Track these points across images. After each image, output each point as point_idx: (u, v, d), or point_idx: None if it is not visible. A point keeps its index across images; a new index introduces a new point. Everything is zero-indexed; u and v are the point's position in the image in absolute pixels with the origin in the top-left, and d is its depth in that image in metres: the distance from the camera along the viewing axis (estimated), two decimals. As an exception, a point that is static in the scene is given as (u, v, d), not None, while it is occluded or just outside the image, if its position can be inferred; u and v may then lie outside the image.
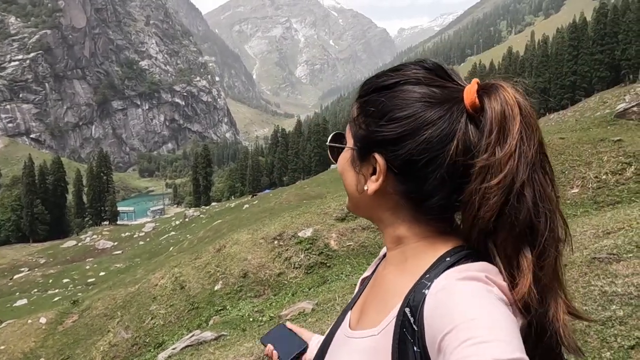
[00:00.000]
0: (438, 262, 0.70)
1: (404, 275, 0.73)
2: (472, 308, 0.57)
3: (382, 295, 0.77)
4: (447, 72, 0.74)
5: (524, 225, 0.63)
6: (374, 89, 0.76)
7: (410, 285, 0.69)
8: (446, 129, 0.68)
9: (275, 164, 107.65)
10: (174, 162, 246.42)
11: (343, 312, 0.89)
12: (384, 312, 0.72)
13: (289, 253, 11.59)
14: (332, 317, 5.38)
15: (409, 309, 0.66)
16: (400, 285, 0.72)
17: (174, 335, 10.25)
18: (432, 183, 0.70)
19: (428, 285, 0.66)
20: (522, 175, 0.63)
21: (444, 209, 0.72)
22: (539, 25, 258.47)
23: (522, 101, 0.67)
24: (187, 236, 38.47)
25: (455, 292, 0.61)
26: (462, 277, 0.63)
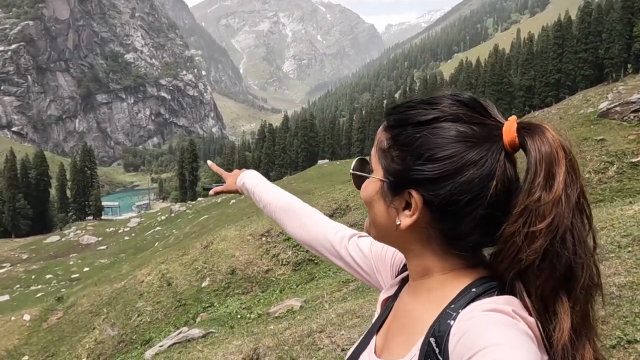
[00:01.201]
0: (463, 293, 0.70)
1: (429, 306, 0.73)
2: (497, 336, 0.58)
3: (407, 325, 0.77)
4: (483, 106, 0.73)
5: (564, 270, 0.63)
6: (409, 122, 0.74)
7: (435, 316, 0.69)
8: (487, 169, 0.68)
9: (262, 159, 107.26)
10: (159, 157, 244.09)
11: (367, 335, 0.88)
12: (410, 343, 0.72)
13: (277, 250, 11.62)
14: (320, 315, 5.42)
15: (434, 339, 0.66)
16: (425, 316, 0.72)
17: (160, 332, 10.22)
18: (469, 222, 0.69)
19: (453, 316, 0.66)
20: (567, 221, 0.63)
21: (477, 246, 0.72)
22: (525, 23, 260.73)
23: (566, 144, 0.67)
24: (173, 231, 38.25)
25: (482, 322, 0.61)
26: (488, 309, 0.63)
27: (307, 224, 1.17)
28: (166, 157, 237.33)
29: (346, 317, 4.80)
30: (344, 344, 4.05)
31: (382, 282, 1.01)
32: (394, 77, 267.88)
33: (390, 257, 1.01)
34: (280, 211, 1.24)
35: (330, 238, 1.10)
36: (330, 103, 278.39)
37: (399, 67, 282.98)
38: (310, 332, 4.64)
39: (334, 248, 1.09)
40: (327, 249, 1.11)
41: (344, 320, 4.73)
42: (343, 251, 1.08)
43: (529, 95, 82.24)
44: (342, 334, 4.28)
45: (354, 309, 5.01)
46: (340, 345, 4.03)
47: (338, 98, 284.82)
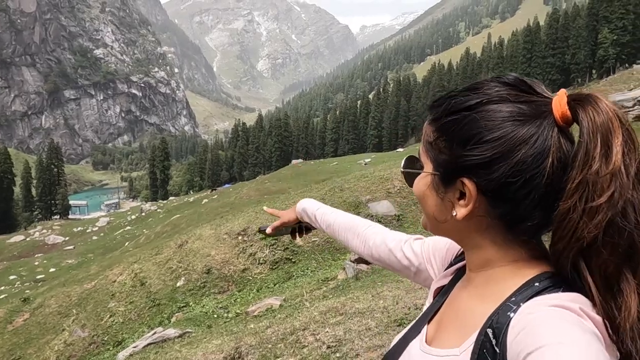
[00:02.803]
0: (525, 287, 0.68)
1: (487, 298, 0.72)
2: (560, 332, 0.55)
3: (462, 315, 0.76)
4: (529, 84, 0.71)
5: (626, 245, 0.60)
6: (453, 110, 0.72)
7: (494, 308, 0.68)
8: (540, 146, 0.65)
9: (235, 158, 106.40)
10: (130, 155, 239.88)
11: (419, 322, 0.87)
12: (466, 334, 0.70)
13: (253, 249, 11.50)
14: (302, 313, 5.38)
15: (492, 330, 0.64)
16: (483, 308, 0.70)
17: (134, 333, 9.98)
18: (528, 204, 0.67)
19: (514, 309, 0.64)
20: (627, 193, 0.60)
21: (538, 229, 0.70)
22: (496, 27, 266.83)
23: (621, 113, 0.64)
24: (144, 231, 37.56)
25: (544, 317, 0.58)
26: (553, 304, 0.60)
27: (368, 238, 1.16)
28: (137, 156, 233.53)
29: (329, 315, 4.76)
30: (329, 341, 4.02)
31: (432, 273, 0.99)
32: (368, 78, 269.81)
33: (443, 247, 0.99)
34: (343, 229, 1.24)
35: (390, 245, 1.10)
36: (304, 103, 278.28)
37: (373, 68, 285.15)
38: (294, 330, 4.59)
39: (393, 254, 1.08)
40: (388, 258, 1.10)
41: (327, 317, 4.70)
42: (399, 254, 1.07)
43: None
44: (327, 332, 4.24)
45: (337, 307, 4.98)
46: (325, 343, 4.00)
47: (312, 98, 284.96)
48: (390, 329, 3.87)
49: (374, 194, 12.49)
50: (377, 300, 4.83)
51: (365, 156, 48.17)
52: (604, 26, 68.94)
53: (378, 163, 29.29)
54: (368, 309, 4.60)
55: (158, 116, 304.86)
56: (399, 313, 4.16)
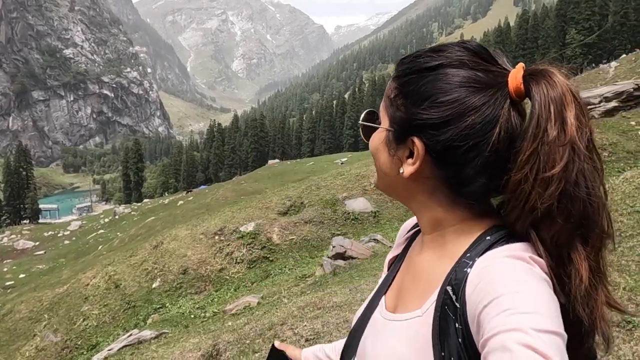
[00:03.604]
0: (478, 241, 0.69)
1: (444, 258, 0.73)
2: (514, 282, 0.58)
3: (422, 278, 0.76)
4: (491, 54, 0.72)
5: (578, 215, 0.62)
6: (414, 69, 0.72)
7: (451, 266, 0.69)
8: (489, 116, 0.67)
9: (211, 159, 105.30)
10: (102, 157, 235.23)
11: (376, 295, 0.87)
12: (427, 294, 0.71)
13: (230, 248, 11.43)
14: (280, 309, 5.38)
15: (451, 288, 0.66)
16: (441, 267, 0.71)
17: (109, 336, 9.79)
18: (472, 169, 0.69)
19: (470, 264, 0.66)
20: (579, 164, 0.62)
21: (483, 194, 0.71)
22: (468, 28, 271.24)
23: (573, 87, 0.65)
24: (118, 234, 36.83)
25: (498, 269, 0.61)
26: (504, 255, 0.63)
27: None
28: (109, 158, 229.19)
29: (307, 310, 4.77)
30: (307, 334, 4.03)
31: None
32: (343, 78, 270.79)
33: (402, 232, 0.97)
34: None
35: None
36: (280, 103, 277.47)
37: (348, 68, 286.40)
38: (272, 325, 4.58)
39: None
40: None
41: (305, 312, 4.70)
42: None
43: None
44: (305, 325, 4.25)
45: (315, 302, 4.99)
46: (303, 336, 4.00)
47: (288, 98, 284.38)
48: (368, 320, 3.91)
49: (351, 192, 12.56)
50: (354, 293, 4.86)
51: (342, 155, 48.32)
52: (572, 27, 70.85)
53: (354, 162, 29.44)
54: (346, 302, 4.63)
55: (131, 117, 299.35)
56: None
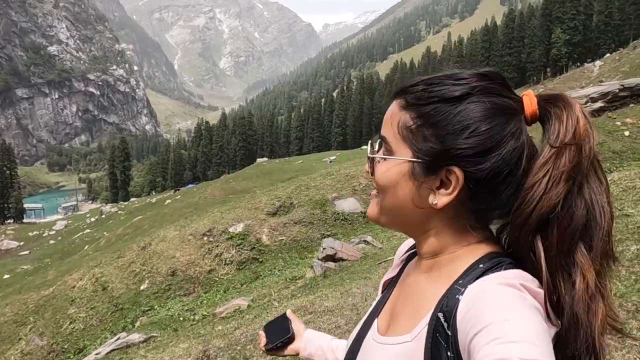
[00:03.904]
0: (471, 269, 0.70)
1: (438, 282, 0.73)
2: (504, 310, 0.57)
3: (414, 301, 0.76)
4: (506, 81, 0.74)
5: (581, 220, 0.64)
6: (441, 98, 0.72)
7: (444, 290, 0.69)
8: (521, 141, 0.69)
9: (198, 157, 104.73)
10: (88, 156, 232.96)
11: (369, 317, 0.87)
12: (417, 319, 0.71)
13: (219, 249, 11.34)
14: (271, 313, 5.34)
15: (442, 315, 0.66)
16: (434, 292, 0.71)
17: (96, 340, 9.66)
18: (505, 194, 0.69)
19: (461, 291, 0.66)
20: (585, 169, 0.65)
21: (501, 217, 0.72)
22: (455, 27, 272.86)
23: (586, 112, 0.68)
24: (104, 234, 36.45)
25: (488, 297, 0.61)
26: (496, 283, 0.63)
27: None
28: (95, 156, 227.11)
29: (298, 314, 4.74)
30: (299, 340, 4.01)
31: None
32: (331, 76, 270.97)
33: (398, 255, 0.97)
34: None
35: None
36: (268, 101, 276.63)
37: (337, 66, 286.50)
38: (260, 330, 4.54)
39: None
40: None
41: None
42: None
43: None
44: (296, 331, 4.23)
45: (306, 306, 4.96)
46: (295, 342, 3.98)
47: (276, 96, 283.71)
48: (360, 326, 3.90)
49: (340, 192, 12.55)
50: (346, 297, 4.84)
51: (330, 154, 48.30)
52: (557, 26, 71.59)
53: (343, 161, 29.45)
54: (337, 306, 4.61)
55: (117, 115, 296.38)
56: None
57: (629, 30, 66.33)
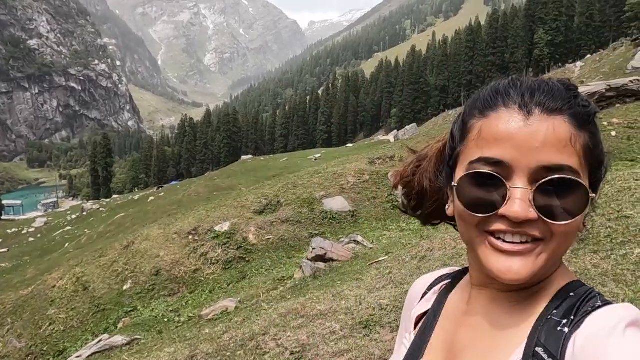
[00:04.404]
0: (560, 297, 0.61)
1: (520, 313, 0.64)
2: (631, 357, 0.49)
3: (490, 335, 0.66)
4: None
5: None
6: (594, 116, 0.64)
7: (531, 324, 0.61)
8: None
9: (182, 154, 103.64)
10: (69, 152, 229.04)
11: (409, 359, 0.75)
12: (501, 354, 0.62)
13: (205, 248, 11.11)
14: (260, 316, 5.16)
15: (543, 349, 0.57)
16: (517, 324, 0.63)
17: (77, 342, 9.37)
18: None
19: (563, 323, 0.58)
20: None
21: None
22: (440, 26, 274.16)
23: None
24: (86, 231, 35.77)
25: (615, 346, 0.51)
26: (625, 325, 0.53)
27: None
28: (77, 152, 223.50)
29: (290, 318, 4.58)
30: (292, 347, 3.83)
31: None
32: (317, 74, 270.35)
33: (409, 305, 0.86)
34: None
35: None
36: (253, 98, 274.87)
37: (322, 64, 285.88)
38: (253, 335, 4.36)
39: None
40: None
41: (288, 320, 4.51)
42: None
43: (443, 95, 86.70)
44: (289, 336, 4.05)
45: (297, 308, 4.80)
46: (288, 349, 3.81)
47: (261, 93, 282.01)
48: (356, 331, 3.74)
49: (328, 190, 12.40)
50: (338, 300, 4.69)
51: (316, 152, 48.09)
52: (540, 27, 72.41)
53: (328, 158, 29.30)
54: (330, 310, 4.45)
55: (99, 111, 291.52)
56: (363, 314, 4.04)
57: (609, 32, 67.34)
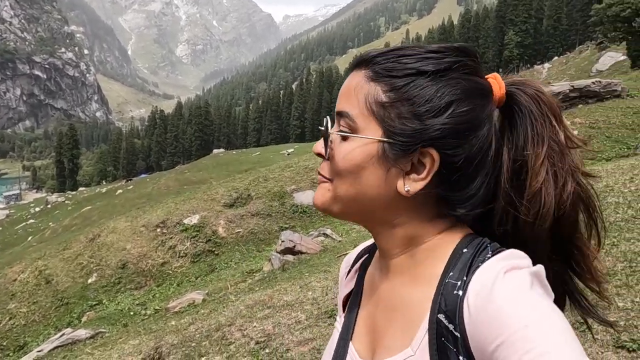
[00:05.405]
0: (455, 257, 0.63)
1: (420, 282, 0.65)
2: (521, 312, 0.51)
3: (400, 311, 0.66)
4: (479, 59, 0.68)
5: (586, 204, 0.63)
6: (418, 71, 0.63)
7: (433, 290, 0.62)
8: (494, 125, 0.65)
9: (152, 147, 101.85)
10: (33, 142, 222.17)
11: (340, 344, 0.74)
12: (413, 327, 0.62)
13: (173, 241, 10.99)
14: (227, 307, 5.16)
15: (444, 316, 0.58)
16: (421, 294, 0.63)
17: (38, 336, 9.15)
18: (477, 182, 0.64)
19: (459, 285, 0.58)
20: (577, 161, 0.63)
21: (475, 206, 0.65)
22: (414, 24, 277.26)
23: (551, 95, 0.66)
24: (50, 224, 34.79)
25: (498, 295, 0.53)
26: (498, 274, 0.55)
27: None
28: (41, 143, 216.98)
29: (256, 309, 4.59)
30: (257, 336, 3.85)
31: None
32: (290, 68, 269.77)
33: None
34: None
35: None
36: (226, 91, 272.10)
37: (296, 58, 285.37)
38: (219, 326, 4.36)
39: None
40: None
41: (255, 311, 4.52)
42: None
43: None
44: (255, 326, 4.07)
45: (264, 300, 4.82)
46: (253, 338, 3.82)
47: (234, 86, 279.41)
48: (322, 320, 3.79)
49: (299, 184, 12.42)
50: (305, 291, 4.73)
51: (289, 146, 48.00)
52: (510, 28, 74.05)
53: (301, 153, 29.29)
54: (297, 300, 4.49)
55: (65, 101, 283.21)
56: (329, 304, 4.09)
57: (575, 35, 69.43)
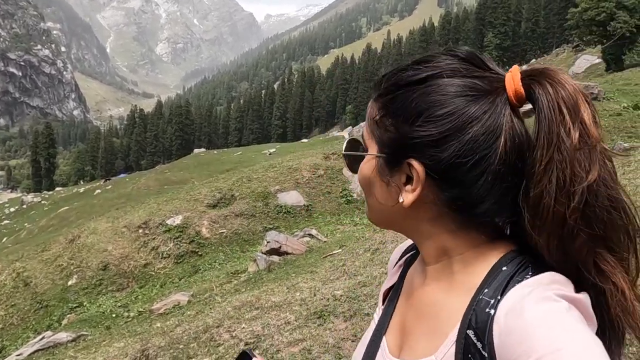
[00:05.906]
0: (493, 272, 0.62)
1: (455, 292, 0.65)
2: (554, 334, 0.50)
3: (429, 316, 0.67)
4: (481, 59, 0.66)
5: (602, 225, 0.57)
6: (400, 84, 0.65)
7: (466, 304, 0.61)
8: (492, 125, 0.61)
9: (132, 146, 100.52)
10: (7, 141, 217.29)
11: (376, 335, 0.76)
12: (440, 336, 0.63)
13: (156, 242, 10.87)
14: (214, 309, 5.14)
15: (473, 332, 0.58)
16: (452, 303, 0.64)
17: (17, 340, 8.95)
18: (480, 187, 0.61)
19: (491, 304, 0.58)
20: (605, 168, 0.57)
21: (496, 213, 0.63)
22: (395, 25, 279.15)
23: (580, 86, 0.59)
24: (26, 225, 34.08)
25: (531, 318, 0.52)
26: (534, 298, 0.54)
27: None
28: (16, 142, 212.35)
29: (244, 310, 4.58)
30: (246, 337, 3.85)
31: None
32: (272, 68, 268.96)
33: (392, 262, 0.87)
34: None
35: None
36: (207, 90, 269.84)
37: (278, 58, 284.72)
38: (207, 327, 4.34)
39: None
40: None
41: (242, 313, 4.51)
42: None
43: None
44: (243, 328, 4.06)
45: (251, 301, 4.81)
46: (242, 340, 3.82)
47: (215, 86, 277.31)
48: (311, 321, 3.81)
49: (283, 185, 12.42)
50: (293, 292, 4.75)
51: (270, 146, 47.89)
52: (489, 31, 75.15)
53: (283, 153, 29.25)
54: (285, 301, 4.50)
55: (42, 99, 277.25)
56: (317, 305, 4.11)
57: (552, 38, 70.87)
